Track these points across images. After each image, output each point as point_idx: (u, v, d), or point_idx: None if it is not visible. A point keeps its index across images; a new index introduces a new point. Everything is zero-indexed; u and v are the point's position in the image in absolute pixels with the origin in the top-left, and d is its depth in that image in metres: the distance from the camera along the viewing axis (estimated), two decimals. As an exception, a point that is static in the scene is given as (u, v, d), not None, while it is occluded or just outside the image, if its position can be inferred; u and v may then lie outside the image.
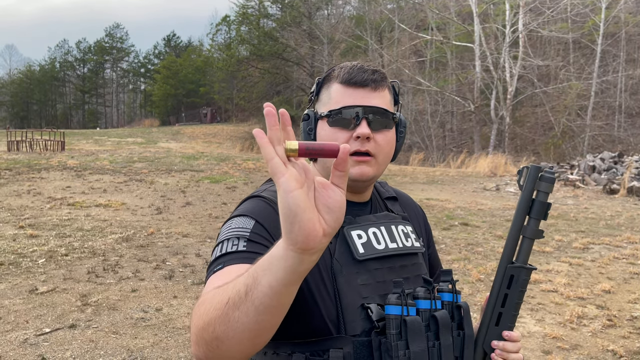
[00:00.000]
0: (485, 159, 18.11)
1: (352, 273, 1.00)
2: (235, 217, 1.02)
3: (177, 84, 53.44)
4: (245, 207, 1.04)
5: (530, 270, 1.03)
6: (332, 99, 1.06)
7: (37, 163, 14.11)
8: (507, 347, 1.04)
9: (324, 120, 1.07)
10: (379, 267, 1.03)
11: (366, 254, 1.02)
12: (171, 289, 4.98)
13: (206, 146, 28.16)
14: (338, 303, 0.97)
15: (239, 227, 0.98)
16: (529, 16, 23.43)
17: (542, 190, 1.01)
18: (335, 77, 1.08)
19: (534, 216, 1.01)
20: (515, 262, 1.04)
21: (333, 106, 1.06)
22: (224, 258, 0.93)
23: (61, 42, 74.88)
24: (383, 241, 1.05)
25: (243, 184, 12.03)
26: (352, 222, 1.05)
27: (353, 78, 1.05)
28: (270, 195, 1.05)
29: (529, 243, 1.03)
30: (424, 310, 0.98)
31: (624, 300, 5.01)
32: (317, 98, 1.12)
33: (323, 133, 1.06)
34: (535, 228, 1.02)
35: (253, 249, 0.93)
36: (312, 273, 0.98)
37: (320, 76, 1.13)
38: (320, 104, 1.10)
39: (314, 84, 1.13)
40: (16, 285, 4.96)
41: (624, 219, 9.30)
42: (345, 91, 1.05)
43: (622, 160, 15.60)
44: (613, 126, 25.79)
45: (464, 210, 9.90)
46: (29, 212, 8.40)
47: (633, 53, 27.98)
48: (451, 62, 26.74)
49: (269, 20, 38.62)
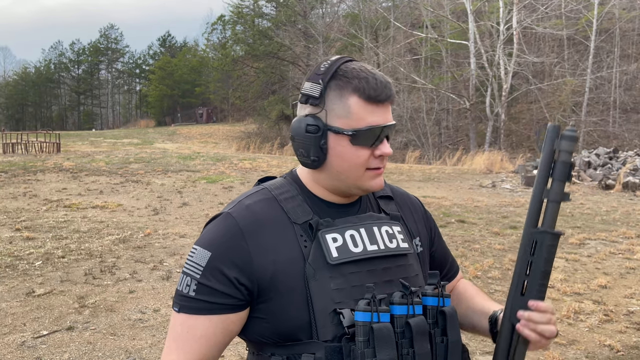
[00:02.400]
0: (481, 156, 18.14)
1: (325, 277, 0.97)
2: (200, 244, 1.02)
3: (173, 84, 53.35)
4: (209, 233, 1.03)
5: (556, 235, 0.96)
6: (354, 114, 0.99)
7: (32, 165, 14.06)
8: (533, 317, 0.97)
9: (343, 137, 0.99)
10: (355, 271, 1.00)
11: (340, 258, 0.99)
12: (169, 290, 4.98)
13: (202, 146, 28.13)
14: (310, 308, 0.96)
15: (194, 263, 1.00)
16: (523, 13, 23.47)
17: (564, 150, 0.95)
18: (355, 90, 0.98)
19: (557, 178, 0.96)
20: (540, 227, 0.98)
21: (356, 124, 0.98)
22: (179, 299, 1.01)
23: (55, 43, 74.52)
24: (361, 243, 1.02)
25: (240, 183, 12.02)
26: (330, 225, 1.02)
27: (378, 95, 0.99)
28: (240, 211, 1.03)
29: (554, 207, 0.96)
30: (399, 316, 0.96)
31: (620, 295, 5.03)
32: (323, 103, 1.00)
33: (341, 150, 1.00)
34: (560, 190, 0.96)
35: (201, 297, 0.98)
36: (284, 279, 0.98)
37: (323, 76, 1.01)
38: (333, 115, 1.00)
39: (314, 84, 1.01)
40: (13, 288, 4.95)
41: (619, 214, 9.34)
42: (367, 108, 0.99)
43: (617, 155, 15.67)
44: (608, 122, 25.88)
45: (460, 207, 9.92)
46: (25, 215, 8.38)
47: (627, 49, 28.07)
48: (446, 60, 26.76)
49: (263, 19, 38.58)
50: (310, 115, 1.01)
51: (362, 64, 1.04)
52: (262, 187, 1.09)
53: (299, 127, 1.02)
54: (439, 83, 27.56)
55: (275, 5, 37.49)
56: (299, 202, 1.05)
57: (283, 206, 1.03)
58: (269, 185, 1.09)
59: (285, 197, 1.05)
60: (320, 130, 1.00)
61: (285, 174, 1.13)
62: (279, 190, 1.06)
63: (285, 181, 1.09)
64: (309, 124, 1.00)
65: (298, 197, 1.05)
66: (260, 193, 1.07)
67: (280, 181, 1.10)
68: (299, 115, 1.05)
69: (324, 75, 1.00)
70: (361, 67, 1.01)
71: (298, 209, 1.03)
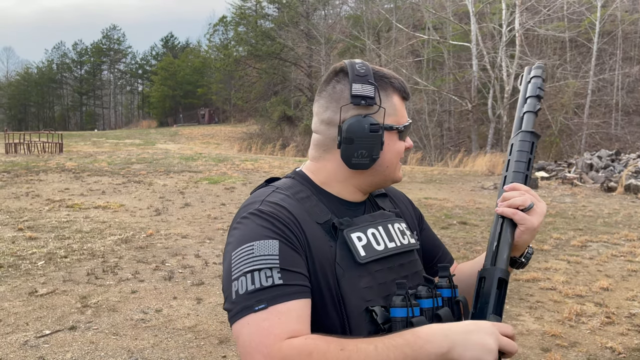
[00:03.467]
0: (483, 158, 18.13)
1: (354, 277, 0.99)
2: (253, 240, 0.94)
3: (175, 85, 53.44)
4: (260, 227, 0.96)
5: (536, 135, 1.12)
6: (398, 111, 1.08)
7: (35, 165, 14.10)
8: (506, 195, 1.06)
9: (393, 132, 1.08)
10: (379, 269, 1.03)
11: (367, 257, 1.01)
12: (171, 290, 4.99)
13: (204, 147, 28.16)
14: (342, 308, 0.97)
15: (264, 255, 0.92)
16: (526, 15, 23.46)
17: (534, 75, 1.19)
18: (396, 89, 1.09)
19: (530, 94, 1.17)
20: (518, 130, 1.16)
21: (401, 120, 1.09)
22: (261, 294, 0.88)
23: (58, 44, 74.84)
24: (382, 241, 1.05)
25: (241, 184, 12.04)
26: (351, 224, 1.04)
27: (409, 94, 1.11)
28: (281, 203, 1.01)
29: (530, 115, 1.14)
30: (427, 309, 0.98)
31: (622, 298, 5.03)
32: (379, 102, 1.04)
33: (392, 144, 1.08)
34: (534, 103, 1.16)
35: (290, 281, 0.90)
36: (322, 277, 0.97)
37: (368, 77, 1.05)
38: (386, 114, 1.06)
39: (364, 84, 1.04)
40: (16, 288, 4.96)
41: (621, 217, 9.33)
42: (403, 105, 1.11)
43: (620, 158, 15.65)
44: (610, 124, 25.85)
45: (462, 209, 9.92)
46: (28, 215, 8.40)
47: (629, 51, 28.04)
48: (448, 62, 26.76)
49: (266, 20, 38.61)
50: (369, 115, 1.04)
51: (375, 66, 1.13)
52: (273, 187, 1.07)
53: (361, 127, 1.02)
54: (441, 85, 27.55)
55: (278, 7, 37.53)
56: (315, 201, 1.05)
57: (303, 206, 1.03)
58: (281, 186, 1.07)
59: (301, 197, 1.05)
60: (381, 129, 1.04)
61: (290, 174, 1.13)
62: (292, 190, 1.06)
63: (295, 181, 1.09)
64: (372, 123, 1.03)
65: (313, 197, 1.06)
66: (279, 194, 1.04)
67: (290, 181, 1.09)
68: (345, 117, 1.04)
69: (370, 77, 1.05)
70: (383, 70, 1.11)
71: (316, 209, 1.04)
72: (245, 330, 0.86)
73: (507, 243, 1.04)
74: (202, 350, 3.74)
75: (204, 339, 3.94)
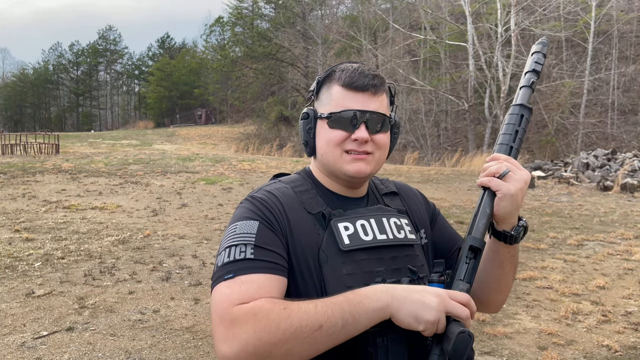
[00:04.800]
0: (480, 158, 18.17)
1: (337, 263, 1.03)
2: (238, 220, 1.04)
3: (172, 85, 53.38)
4: (247, 209, 1.06)
5: (525, 108, 1.11)
6: (333, 100, 1.10)
7: (31, 166, 14.06)
8: (485, 165, 1.07)
9: (323, 120, 1.11)
10: (365, 258, 1.05)
11: (351, 245, 1.04)
12: (168, 291, 4.99)
13: (201, 147, 28.13)
14: (323, 291, 1.00)
15: (243, 233, 1.01)
16: (521, 15, 23.51)
17: (534, 51, 1.18)
18: (337, 80, 1.11)
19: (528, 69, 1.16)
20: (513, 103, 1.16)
21: (334, 108, 1.10)
22: (232, 266, 0.97)
23: (54, 45, 74.69)
24: (371, 232, 1.08)
25: (239, 185, 12.03)
26: (341, 215, 1.08)
27: (354, 82, 1.09)
28: (272, 192, 1.10)
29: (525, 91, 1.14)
30: None
31: (618, 296, 5.05)
32: (317, 97, 1.15)
33: (322, 132, 1.11)
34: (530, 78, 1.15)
35: (261, 257, 0.98)
36: (304, 262, 1.02)
37: (321, 75, 1.15)
38: (319, 104, 1.14)
39: (314, 82, 1.16)
40: (13, 289, 4.95)
41: (617, 216, 9.37)
42: (346, 94, 1.09)
43: (615, 157, 15.70)
44: (606, 123, 25.92)
45: (459, 208, 9.94)
46: (25, 216, 8.38)
47: (625, 50, 28.13)
48: (445, 62, 26.80)
49: (262, 20, 38.60)
50: (307, 106, 1.17)
51: (360, 64, 1.13)
52: (277, 180, 1.18)
53: (300, 118, 1.16)
54: (438, 85, 27.58)
55: (275, 7, 37.53)
56: (313, 194, 1.12)
57: (298, 197, 1.10)
58: (284, 179, 1.18)
59: (300, 190, 1.13)
60: (309, 117, 1.13)
61: (299, 171, 1.22)
62: (294, 183, 1.15)
63: (299, 176, 1.19)
64: (303, 112, 1.15)
65: (312, 191, 1.14)
66: (278, 184, 1.14)
67: (294, 176, 1.19)
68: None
69: (321, 76, 1.15)
70: (352, 65, 1.13)
71: (312, 201, 1.11)
72: (213, 298, 0.95)
73: (485, 213, 1.05)
74: (200, 351, 3.74)
75: (201, 339, 3.94)
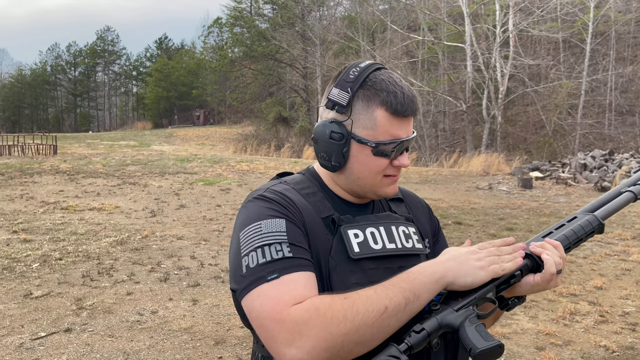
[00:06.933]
0: (478, 158, 18.19)
1: (346, 271, 1.01)
2: (259, 220, 0.99)
3: (170, 86, 53.29)
4: (264, 207, 1.01)
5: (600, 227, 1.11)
6: (379, 127, 1.01)
7: (29, 167, 14.04)
8: (544, 245, 1.03)
9: (366, 147, 1.02)
10: (374, 267, 1.03)
11: (361, 253, 1.02)
12: (166, 292, 4.99)
13: (199, 148, 28.11)
14: None
15: (272, 231, 0.96)
16: (519, 16, 23.55)
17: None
18: (383, 103, 1.01)
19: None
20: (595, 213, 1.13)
21: (381, 137, 1.02)
22: (272, 266, 0.92)
23: (52, 45, 74.47)
24: (380, 241, 1.05)
25: (237, 185, 12.03)
26: (351, 222, 1.05)
27: (405, 110, 1.02)
28: (281, 191, 1.05)
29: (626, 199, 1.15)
30: None
31: (616, 296, 5.07)
32: (350, 111, 1.02)
33: (363, 158, 1.04)
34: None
35: (298, 254, 0.95)
36: (316, 267, 0.99)
37: (352, 84, 1.02)
38: (358, 125, 1.02)
39: (344, 92, 1.03)
40: (11, 290, 4.95)
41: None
42: (393, 122, 1.02)
43: (613, 158, 15.73)
44: (603, 124, 25.98)
45: (457, 209, 9.95)
46: (22, 217, 8.37)
47: (622, 51, 28.19)
48: (443, 63, 26.84)
49: (261, 20, 38.59)
50: (335, 121, 1.04)
51: (391, 74, 1.05)
52: (281, 181, 1.12)
53: (323, 131, 1.04)
54: (436, 85, 27.61)
55: (273, 7, 37.52)
56: (320, 198, 1.08)
57: (306, 200, 1.06)
58: (288, 180, 1.11)
59: (306, 192, 1.08)
60: (344, 138, 1.03)
61: (303, 170, 1.17)
62: (300, 185, 1.10)
63: (305, 177, 1.13)
64: (333, 130, 1.03)
65: (319, 194, 1.09)
66: (284, 185, 1.09)
67: (299, 177, 1.13)
68: (322, 118, 1.08)
69: (352, 84, 1.02)
70: (390, 79, 1.03)
71: (320, 204, 1.06)
72: (258, 302, 0.90)
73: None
74: (198, 352, 3.74)
75: (199, 340, 3.94)
